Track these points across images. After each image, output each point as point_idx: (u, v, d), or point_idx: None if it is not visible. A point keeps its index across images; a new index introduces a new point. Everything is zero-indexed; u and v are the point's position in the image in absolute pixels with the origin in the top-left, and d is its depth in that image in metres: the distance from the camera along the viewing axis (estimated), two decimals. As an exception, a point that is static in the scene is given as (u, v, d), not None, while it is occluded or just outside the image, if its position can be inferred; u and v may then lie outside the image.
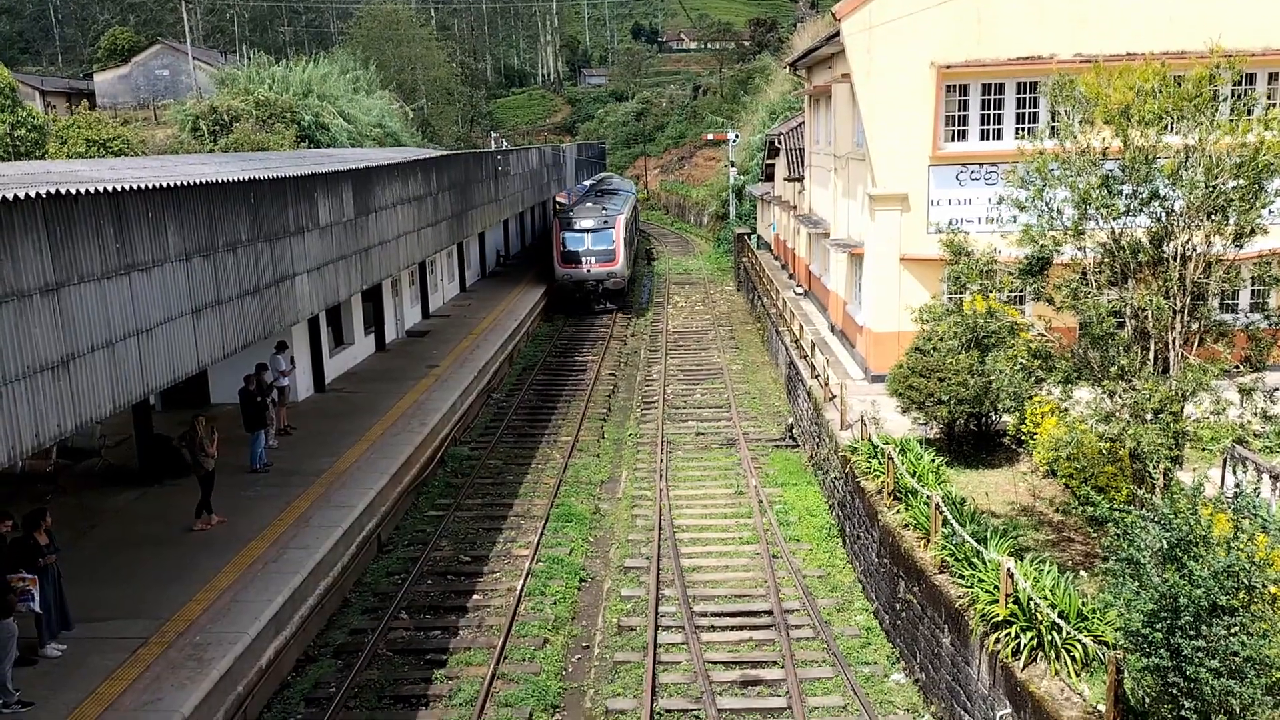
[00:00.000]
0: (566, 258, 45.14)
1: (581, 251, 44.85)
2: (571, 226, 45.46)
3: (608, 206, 48.43)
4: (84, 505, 19.26)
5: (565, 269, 45.15)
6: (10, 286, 8.78)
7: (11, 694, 12.13)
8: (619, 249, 45.14)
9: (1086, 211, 12.80)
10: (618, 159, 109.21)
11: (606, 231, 45.15)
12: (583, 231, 45.04)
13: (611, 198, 54.75)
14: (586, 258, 44.85)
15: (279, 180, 15.08)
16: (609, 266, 45.11)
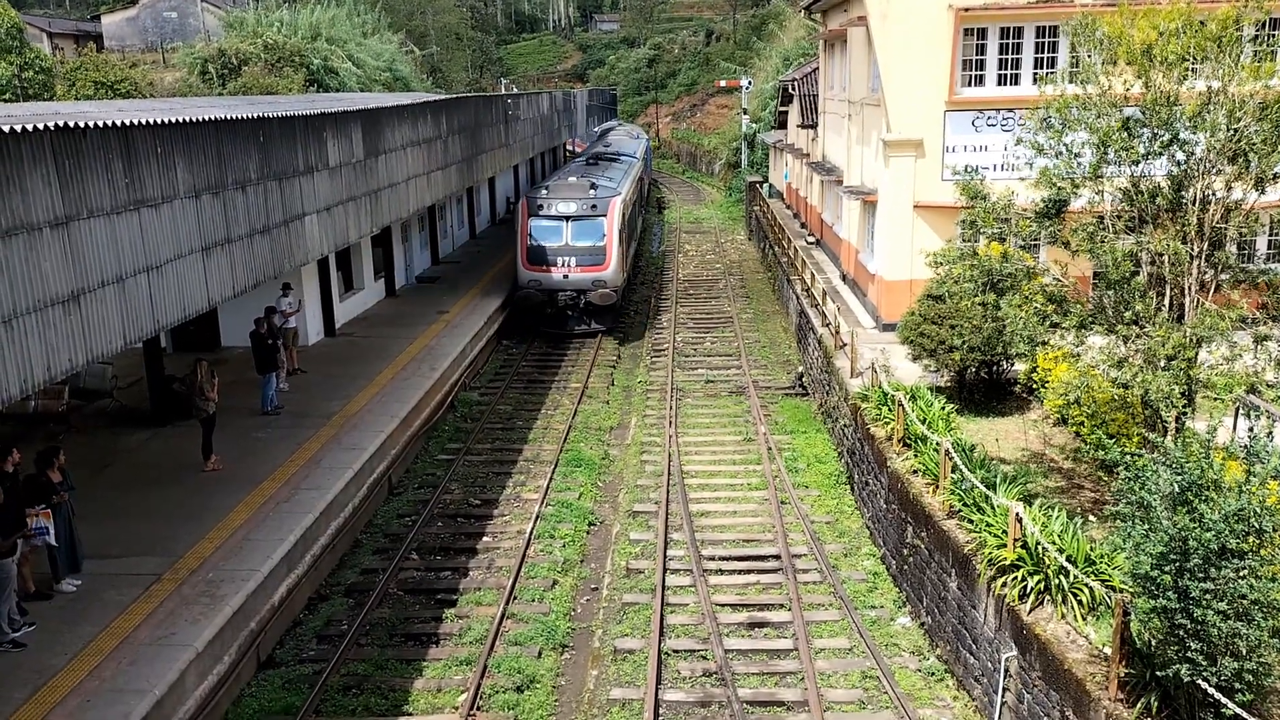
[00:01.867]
0: (534, 256, 31.66)
1: (556, 249, 31.67)
2: (543, 212, 32.00)
3: (599, 182, 34.09)
4: (96, 445, 19.39)
5: (532, 272, 31.59)
6: (20, 219, 8.74)
7: (6, 633, 12.29)
8: (611, 245, 31.63)
9: (1106, 155, 12.62)
10: (629, 106, 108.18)
11: (594, 221, 31.77)
12: (559, 219, 31.84)
13: (609, 166, 40.48)
14: (563, 258, 31.50)
15: (288, 119, 14.95)
16: (596, 271, 31.39)
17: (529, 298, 31.78)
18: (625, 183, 36.66)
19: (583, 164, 42.29)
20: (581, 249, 31.58)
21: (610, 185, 34.27)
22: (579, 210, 31.82)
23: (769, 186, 52.74)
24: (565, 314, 31.86)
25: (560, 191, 32.88)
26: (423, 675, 13.97)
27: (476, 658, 14.21)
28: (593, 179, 34.38)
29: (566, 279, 31.48)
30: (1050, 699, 11.00)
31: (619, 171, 39.09)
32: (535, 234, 31.75)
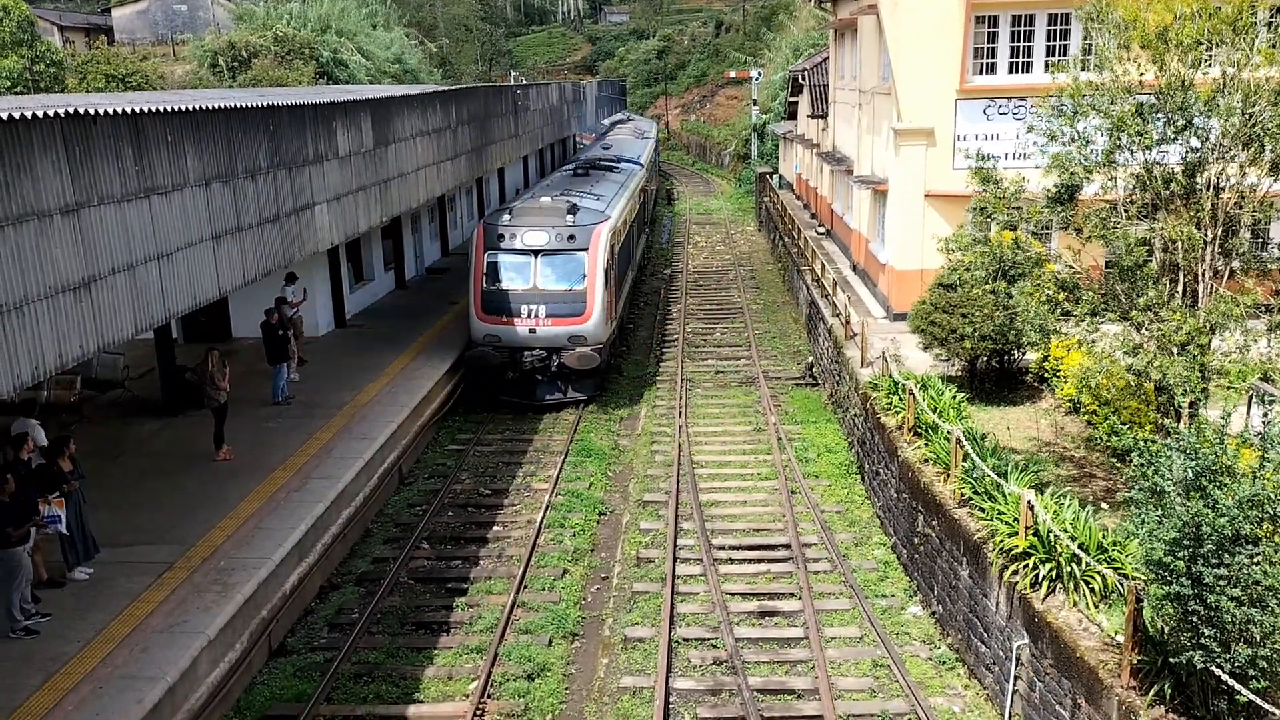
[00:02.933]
0: (491, 303, 24.10)
1: (521, 294, 24.01)
2: (504, 244, 24.29)
3: (583, 202, 26.55)
4: (109, 435, 19.46)
5: (488, 324, 24.05)
6: (31, 205, 8.76)
7: (18, 620, 12.35)
8: (593, 289, 24.02)
9: (1119, 140, 12.53)
10: (638, 98, 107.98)
11: (572, 257, 24.18)
12: (525, 254, 24.18)
13: (601, 178, 32.95)
14: (529, 306, 23.91)
15: (297, 108, 14.95)
16: (573, 323, 23.87)
17: (483, 358, 23.61)
18: (618, 202, 28.66)
19: (568, 175, 33.99)
20: (554, 294, 23.81)
21: (596, 207, 26.43)
22: (552, 242, 23.97)
23: (779, 177, 52.60)
24: (533, 379, 23.95)
25: (528, 216, 24.58)
26: (434, 663, 13.99)
27: (487, 646, 14.23)
28: (574, 198, 26.91)
29: (533, 334, 23.54)
30: (1062, 687, 10.96)
31: (611, 186, 31.28)
32: (494, 273, 23.98)
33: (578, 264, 24.02)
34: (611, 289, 25.00)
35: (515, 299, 23.76)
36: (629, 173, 35.97)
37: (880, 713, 12.73)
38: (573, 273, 23.96)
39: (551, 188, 30.26)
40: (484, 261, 24.21)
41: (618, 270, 26.82)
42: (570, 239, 23.90)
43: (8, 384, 8.40)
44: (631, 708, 13.05)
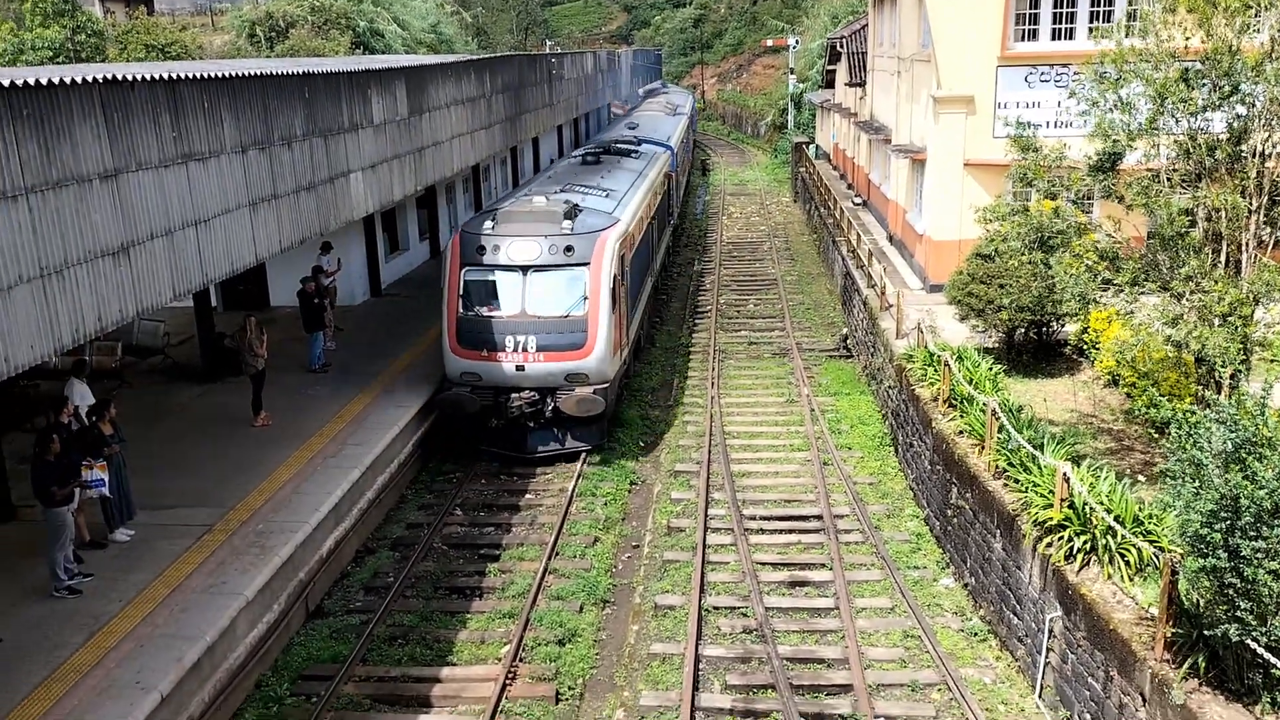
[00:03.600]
0: (469, 334, 19.43)
1: (505, 322, 19.27)
2: (485, 258, 19.57)
3: (587, 202, 22.03)
4: (149, 401, 19.76)
5: (465, 359, 19.44)
6: (70, 171, 8.86)
7: (62, 579, 12.62)
8: (598, 313, 19.29)
9: (1163, 107, 12.27)
10: (674, 68, 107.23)
11: (570, 274, 19.45)
12: (511, 271, 19.47)
13: (614, 167, 27.83)
14: (516, 337, 19.16)
15: (332, 75, 14.99)
16: (571, 358, 19.27)
17: (457, 403, 18.99)
18: (632, 198, 23.91)
19: (576, 163, 28.90)
20: (547, 322, 18.95)
21: (603, 208, 21.76)
22: (545, 255, 19.12)
23: (815, 147, 52.13)
24: (522, 427, 19.25)
25: (516, 222, 19.64)
26: (466, 627, 14.16)
27: (519, 611, 14.37)
28: (577, 194, 22.44)
29: (521, 371, 18.89)
30: (1095, 659, 10.89)
31: (626, 177, 26.37)
32: (472, 296, 19.28)
33: (577, 283, 19.08)
34: (621, 311, 20.23)
35: (499, 328, 18.90)
36: (651, 158, 30.93)
37: (910, 683, 12.73)
38: (571, 294, 19.10)
39: (553, 181, 25.37)
40: (460, 280, 19.28)
41: (631, 284, 21.95)
42: (568, 251, 19.06)
43: (48, 346, 8.54)
44: (661, 674, 13.14)
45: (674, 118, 48.41)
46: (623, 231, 20.59)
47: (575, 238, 19.36)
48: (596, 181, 24.91)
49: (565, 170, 27.87)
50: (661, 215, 31.36)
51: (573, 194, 22.53)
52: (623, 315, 20.67)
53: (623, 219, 21.30)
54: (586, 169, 27.49)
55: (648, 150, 32.19)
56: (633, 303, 22.83)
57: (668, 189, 33.57)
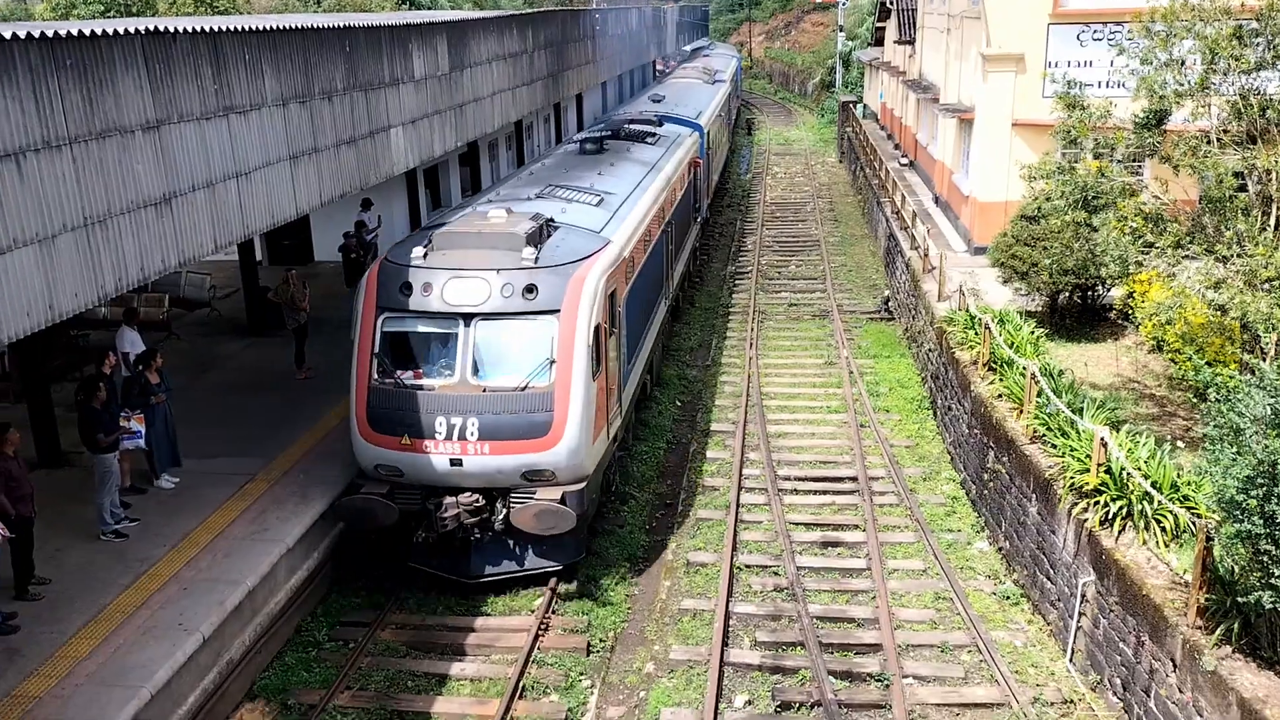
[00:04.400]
0: (385, 410, 13.56)
1: (437, 396, 13.42)
2: (411, 302, 13.71)
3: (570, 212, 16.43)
4: (195, 352, 20.13)
5: (380, 446, 13.60)
6: (113, 121, 8.99)
7: (109, 523, 12.96)
8: (570, 382, 13.38)
9: (1215, 65, 11.93)
10: (721, 25, 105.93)
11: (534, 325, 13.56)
12: (446, 320, 13.66)
13: (625, 154, 22.51)
14: (451, 418, 13.25)
15: (374, 29, 14.99)
16: (531, 449, 13.32)
17: (366, 511, 13.49)
18: (636, 205, 18.09)
19: (571, 153, 22.63)
20: (497, 397, 13.34)
21: (587, 223, 15.94)
22: (496, 298, 13.51)
23: (863, 107, 51.39)
24: (464, 540, 13.80)
25: (459, 247, 14.09)
26: (500, 579, 14.33)
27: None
28: (556, 205, 16.54)
29: (459, 467, 13.34)
30: (1126, 625, 10.83)
31: (633, 173, 20.51)
32: (390, 355, 13.80)
33: (542, 339, 13.30)
34: (610, 371, 14.49)
35: (428, 404, 13.16)
36: (672, 143, 24.71)
37: (940, 644, 12.75)
38: (533, 355, 13.30)
39: (533, 180, 19.04)
40: (375, 333, 13.65)
41: (631, 320, 16.28)
42: (530, 292, 13.29)
43: (92, 295, 8.72)
44: (691, 629, 13.27)
45: (711, 86, 40.84)
46: (614, 258, 14.81)
47: (542, 273, 13.44)
48: (591, 181, 18.86)
49: (555, 164, 21.26)
50: (683, 215, 24.88)
51: (552, 201, 16.73)
52: (612, 377, 14.69)
53: (616, 239, 15.54)
54: (583, 162, 21.24)
55: (669, 133, 26.16)
56: (634, 346, 16.81)
57: (694, 181, 27.27)
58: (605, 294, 14.12)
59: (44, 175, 8.20)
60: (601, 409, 14.10)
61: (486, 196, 17.83)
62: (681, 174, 24.17)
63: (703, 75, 44.76)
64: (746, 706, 11.79)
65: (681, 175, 24.18)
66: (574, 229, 15.40)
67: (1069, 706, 11.49)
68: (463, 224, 14.78)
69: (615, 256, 15.05)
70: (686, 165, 25.26)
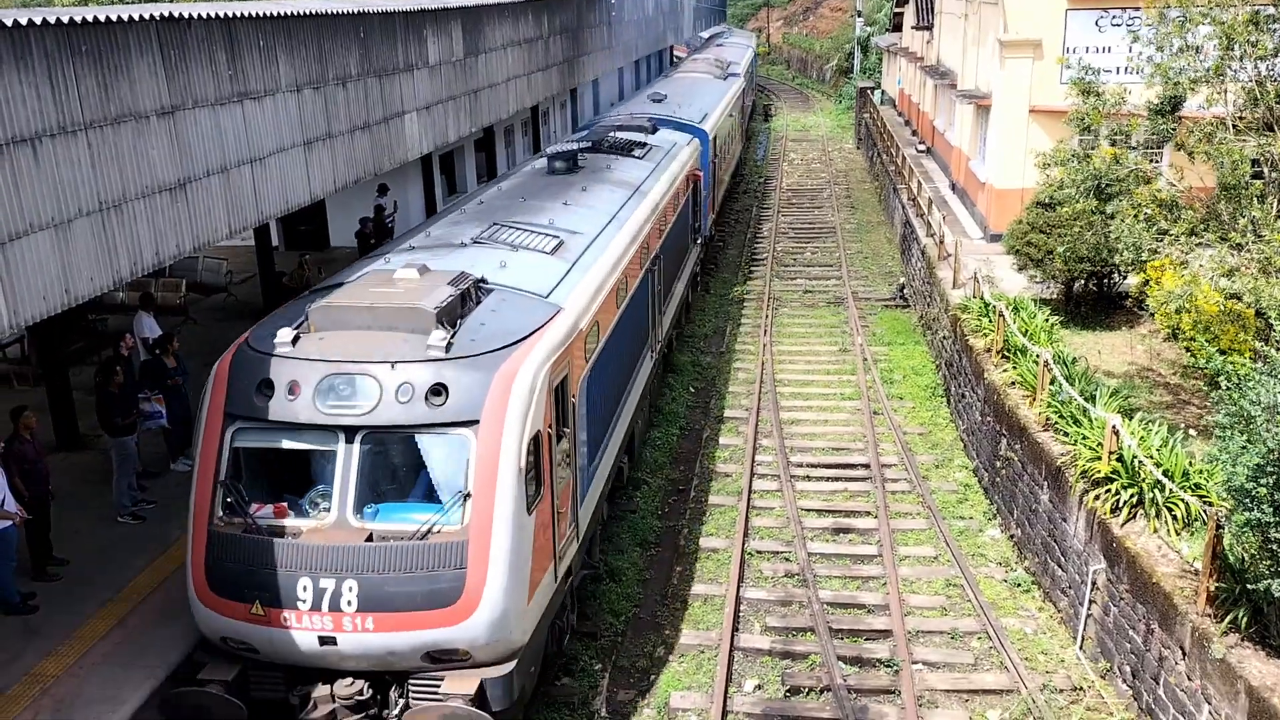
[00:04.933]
0: (230, 565, 9.36)
1: (299, 547, 9.22)
2: (274, 405, 9.49)
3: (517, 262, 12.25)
4: (212, 337, 20.26)
5: (223, 614, 9.38)
6: (128, 107, 9.07)
7: (126, 505, 13.11)
8: (495, 524, 9.23)
9: (1231, 50, 11.83)
10: (739, 10, 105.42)
11: (442, 441, 9.47)
12: (323, 436, 9.52)
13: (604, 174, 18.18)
14: (317, 580, 9.08)
15: (388, 15, 15.02)
16: (431, 622, 9.13)
17: (200, 711, 9.30)
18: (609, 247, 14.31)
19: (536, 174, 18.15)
20: (384, 550, 9.27)
21: (539, 284, 11.94)
22: (389, 404, 9.45)
23: (880, 93, 51.13)
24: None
25: (341, 327, 10.05)
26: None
27: (564, 549, 14.55)
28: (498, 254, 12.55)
29: (332, 646, 9.26)
30: (1136, 612, 10.83)
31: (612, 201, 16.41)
32: (241, 485, 9.79)
33: (453, 461, 9.58)
34: (556, 495, 10.46)
35: (290, 558, 9.35)
36: (666, 156, 20.91)
37: (950, 630, 12.77)
38: (439, 486, 9.65)
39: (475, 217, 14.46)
40: (221, 452, 9.85)
41: (590, 419, 12.20)
42: (437, 395, 9.47)
43: (107, 279, 8.82)
44: (702, 614, 13.33)
45: (722, 82, 36.54)
46: (567, 333, 10.88)
47: (456, 366, 9.54)
48: (552, 215, 14.58)
49: (513, 190, 16.61)
50: (677, 242, 20.77)
51: (492, 250, 12.49)
52: (563, 496, 10.70)
53: (572, 304, 11.58)
54: (549, 186, 16.77)
55: (663, 142, 22.02)
56: (601, 439, 13.05)
57: (693, 197, 23.11)
58: (550, 387, 10.04)
59: (60, 160, 8.29)
60: (543, 550, 10.00)
61: (410, 240, 13.62)
62: (676, 192, 20.16)
63: (713, 69, 40.22)
64: (756, 691, 11.86)
65: (676, 194, 20.16)
66: (513, 294, 11.17)
67: (1078, 693, 11.50)
68: (353, 292, 10.51)
69: (568, 330, 10.96)
70: (683, 181, 21.35)
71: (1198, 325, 12.81)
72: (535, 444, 9.67)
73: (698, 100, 30.54)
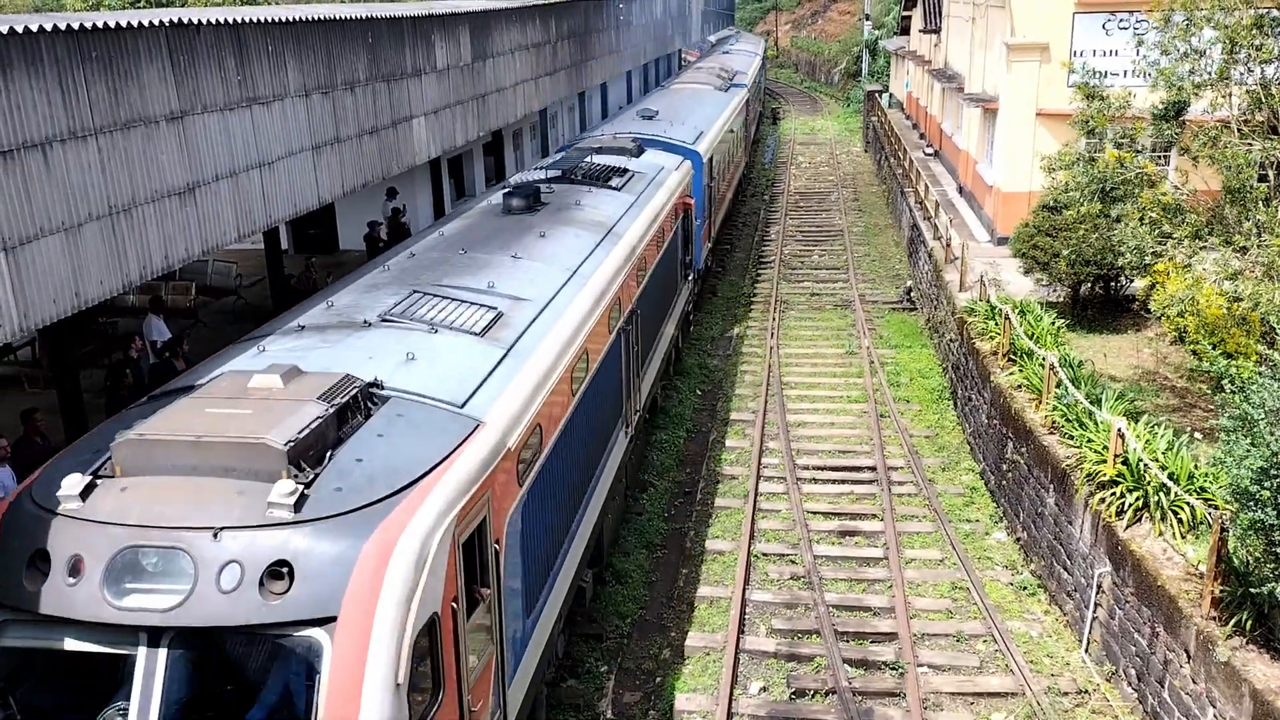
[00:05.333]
0: None
1: None
2: (46, 594, 6.29)
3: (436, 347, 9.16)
4: (222, 339, 20.34)
5: None
6: (138, 112, 9.17)
7: None
8: None
9: (1235, 55, 11.84)
10: (747, 13, 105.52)
11: (284, 653, 6.48)
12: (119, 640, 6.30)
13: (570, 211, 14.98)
14: None
15: (396, 20, 15.14)
16: None
17: None
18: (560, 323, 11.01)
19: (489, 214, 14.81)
20: None
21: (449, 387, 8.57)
22: (204, 597, 6.21)
23: (889, 96, 51.13)
24: None
25: (155, 466, 6.77)
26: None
27: (571, 551, 14.59)
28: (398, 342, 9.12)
29: None
30: (1141, 615, 10.83)
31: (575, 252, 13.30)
32: (16, 699, 6.61)
33: (295, 675, 6.63)
34: (462, 702, 7.40)
35: None
36: (652, 183, 18.21)
37: (956, 633, 12.78)
38: (275, 707, 6.65)
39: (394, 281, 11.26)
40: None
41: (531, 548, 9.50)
42: (277, 579, 6.29)
43: (117, 282, 8.92)
44: (708, 616, 13.37)
45: (724, 94, 33.58)
46: (486, 461, 8.06)
47: (306, 534, 6.51)
48: (493, 275, 11.47)
49: (455, 237, 13.36)
50: (662, 287, 17.86)
51: (403, 331, 9.48)
52: (485, 682, 8.12)
53: (500, 413, 8.71)
54: (501, 230, 13.57)
55: (648, 168, 19.11)
56: (554, 564, 10.46)
57: (683, 228, 20.38)
58: (457, 543, 7.26)
59: (70, 165, 8.38)
60: None
61: (301, 316, 10.19)
62: (661, 229, 17.32)
63: (714, 79, 36.96)
64: (762, 693, 11.88)
65: (661, 230, 17.33)
66: (415, 406, 8.09)
67: (1084, 696, 11.50)
68: (178, 415, 7.28)
69: (489, 455, 8.06)
70: (670, 212, 18.51)
71: (1203, 329, 12.82)
72: (431, 629, 6.73)
73: (693, 116, 27.82)
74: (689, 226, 21.33)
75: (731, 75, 40.03)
